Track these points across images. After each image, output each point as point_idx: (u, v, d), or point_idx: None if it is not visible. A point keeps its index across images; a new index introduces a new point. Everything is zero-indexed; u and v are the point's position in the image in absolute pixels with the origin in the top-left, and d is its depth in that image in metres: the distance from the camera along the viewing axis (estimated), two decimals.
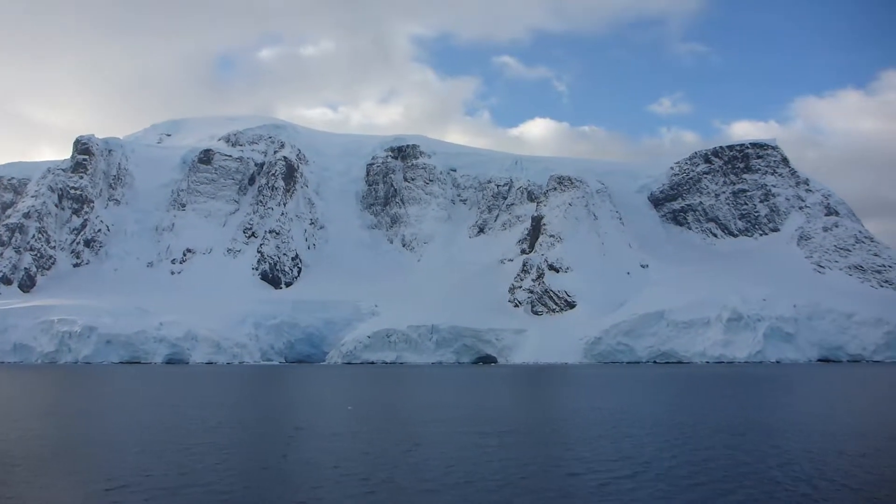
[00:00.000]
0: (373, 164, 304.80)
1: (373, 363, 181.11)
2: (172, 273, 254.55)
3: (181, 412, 47.75)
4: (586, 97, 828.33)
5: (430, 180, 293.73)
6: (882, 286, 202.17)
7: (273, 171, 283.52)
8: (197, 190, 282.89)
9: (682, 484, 22.47)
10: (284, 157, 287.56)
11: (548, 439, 33.52)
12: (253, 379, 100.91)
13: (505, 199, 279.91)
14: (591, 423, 39.50)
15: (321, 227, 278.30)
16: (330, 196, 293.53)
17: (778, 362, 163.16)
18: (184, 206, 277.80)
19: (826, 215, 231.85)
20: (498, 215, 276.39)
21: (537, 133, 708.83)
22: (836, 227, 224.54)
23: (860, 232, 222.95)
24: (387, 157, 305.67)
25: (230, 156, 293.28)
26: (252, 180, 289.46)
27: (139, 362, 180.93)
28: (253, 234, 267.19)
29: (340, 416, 45.31)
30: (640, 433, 34.61)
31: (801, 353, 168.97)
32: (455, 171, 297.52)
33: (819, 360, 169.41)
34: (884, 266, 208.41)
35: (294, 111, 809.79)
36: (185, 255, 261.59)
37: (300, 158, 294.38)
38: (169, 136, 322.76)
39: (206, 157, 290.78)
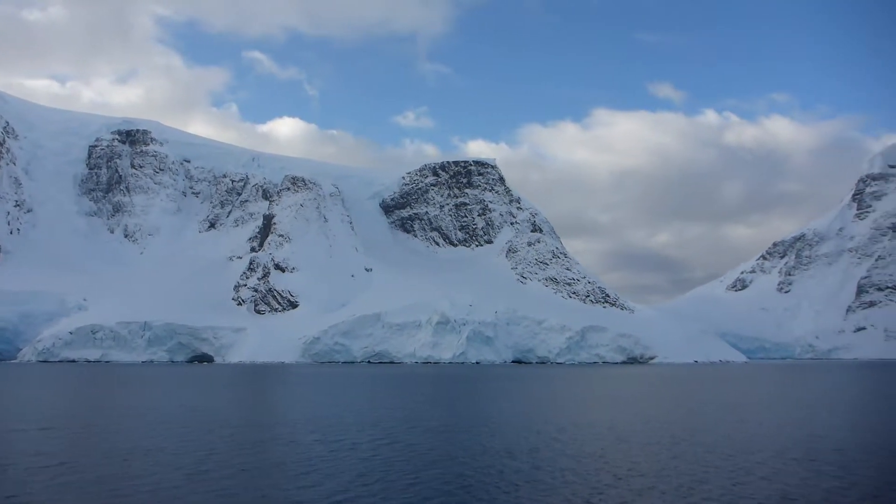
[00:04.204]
0: (97, 146, 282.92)
1: (74, 361, 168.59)
2: None
3: None
4: (336, 102, 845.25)
5: (161, 169, 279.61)
6: (570, 297, 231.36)
7: None
8: None
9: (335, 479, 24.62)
10: None
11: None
12: None
13: (239, 195, 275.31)
14: (183, 420, 42.88)
15: (28, 211, 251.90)
16: (42, 177, 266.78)
17: (478, 363, 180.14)
18: None
19: (531, 231, 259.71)
20: (231, 211, 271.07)
21: (286, 131, 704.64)
22: (539, 242, 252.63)
23: (557, 248, 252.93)
24: (113, 140, 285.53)
25: None
26: None
27: None
28: None
29: None
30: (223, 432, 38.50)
31: (499, 354, 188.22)
32: (189, 161, 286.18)
33: (513, 362, 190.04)
34: (573, 279, 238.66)
35: (12, 79, 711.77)
36: None
37: (7, 132, 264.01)
38: None
39: None
